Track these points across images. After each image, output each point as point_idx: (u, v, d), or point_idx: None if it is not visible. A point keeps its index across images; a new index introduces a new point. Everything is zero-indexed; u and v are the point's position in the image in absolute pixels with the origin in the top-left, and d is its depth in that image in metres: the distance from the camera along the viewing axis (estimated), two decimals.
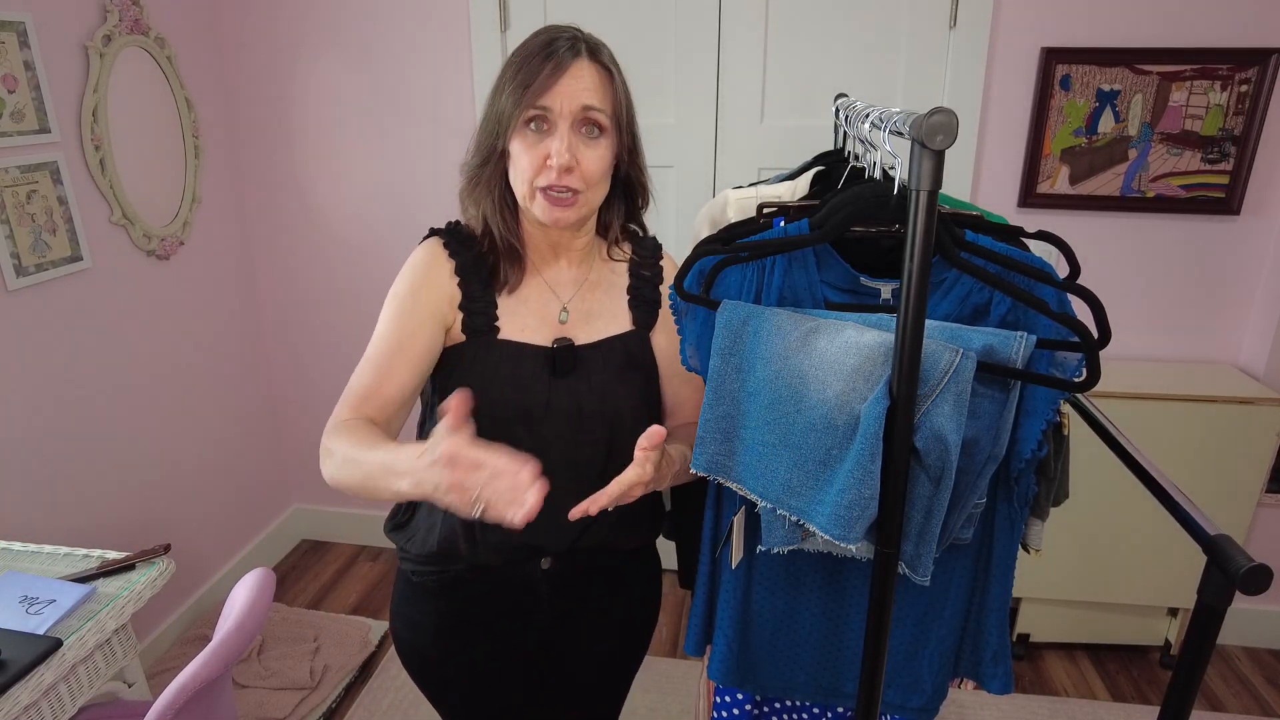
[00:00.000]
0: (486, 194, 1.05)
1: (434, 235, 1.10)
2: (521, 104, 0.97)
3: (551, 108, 0.97)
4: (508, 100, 0.98)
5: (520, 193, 1.02)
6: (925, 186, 0.71)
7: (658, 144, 2.27)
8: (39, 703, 1.27)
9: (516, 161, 1.00)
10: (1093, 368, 0.85)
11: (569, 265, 1.11)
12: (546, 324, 1.08)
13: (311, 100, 2.42)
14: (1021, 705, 2.15)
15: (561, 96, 0.97)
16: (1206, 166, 2.07)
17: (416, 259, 1.07)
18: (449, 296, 1.06)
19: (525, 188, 1.00)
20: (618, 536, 1.15)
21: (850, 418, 0.85)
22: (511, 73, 0.99)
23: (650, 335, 1.14)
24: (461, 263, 1.06)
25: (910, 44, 2.11)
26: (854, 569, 1.06)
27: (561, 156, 0.97)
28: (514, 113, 0.97)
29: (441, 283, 1.06)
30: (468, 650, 1.16)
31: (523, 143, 0.99)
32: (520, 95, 0.97)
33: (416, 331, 1.04)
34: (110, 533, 2.12)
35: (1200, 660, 0.76)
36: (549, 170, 0.98)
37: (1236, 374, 2.16)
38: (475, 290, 1.06)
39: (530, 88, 0.96)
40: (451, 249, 1.07)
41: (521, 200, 1.02)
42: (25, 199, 1.83)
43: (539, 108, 0.97)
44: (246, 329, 2.64)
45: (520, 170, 1.00)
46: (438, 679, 1.19)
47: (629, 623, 1.26)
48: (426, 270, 1.06)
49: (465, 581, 1.13)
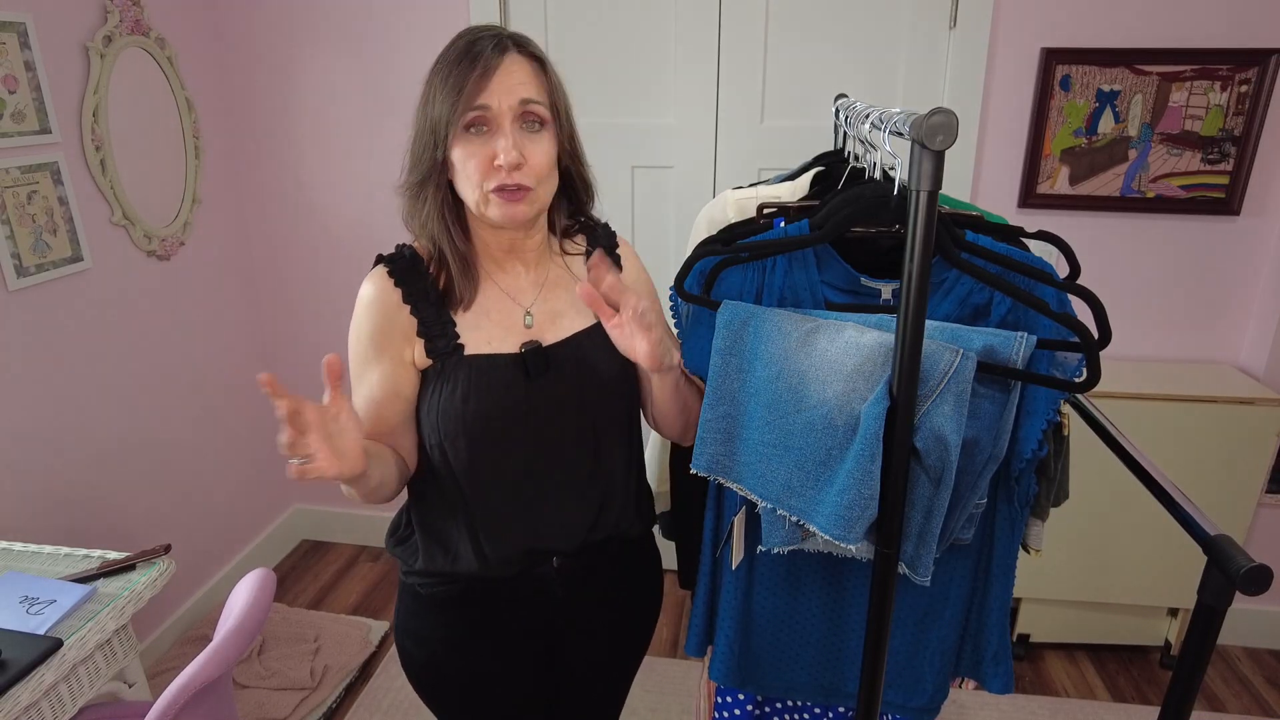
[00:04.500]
0: (433, 210, 1.01)
1: (379, 263, 1.06)
2: (458, 108, 0.94)
3: (490, 105, 0.94)
4: (442, 108, 0.95)
5: (471, 199, 0.99)
6: (925, 187, 0.71)
7: (658, 144, 2.28)
8: (39, 703, 1.27)
9: (462, 169, 0.97)
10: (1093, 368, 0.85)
11: (525, 269, 1.09)
12: (512, 332, 1.06)
13: (311, 100, 2.42)
14: (1021, 705, 2.15)
15: (498, 94, 0.94)
16: (1206, 167, 2.07)
17: (364, 298, 1.04)
18: (404, 330, 1.03)
19: (476, 193, 0.97)
20: (625, 524, 1.14)
21: (850, 418, 0.85)
22: (440, 80, 0.96)
23: None
24: (408, 290, 1.03)
25: (910, 44, 2.11)
26: (854, 569, 1.07)
27: (509, 154, 0.94)
28: (451, 118, 0.94)
29: (394, 318, 1.03)
30: (481, 660, 1.15)
31: (465, 149, 0.96)
32: (455, 99, 0.94)
33: (382, 377, 1.03)
34: (110, 533, 2.12)
35: (1200, 660, 0.76)
36: (497, 171, 0.95)
37: (1236, 374, 2.16)
38: (429, 315, 1.03)
39: (464, 90, 0.93)
40: (397, 277, 1.04)
41: (474, 207, 0.99)
42: (26, 199, 1.83)
43: (477, 108, 0.94)
44: (246, 329, 2.64)
45: (468, 176, 0.97)
46: (450, 693, 1.18)
47: (636, 614, 1.26)
48: (377, 311, 1.03)
49: (476, 591, 1.12)
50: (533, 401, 1.04)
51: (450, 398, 1.02)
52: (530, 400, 1.04)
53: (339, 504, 2.89)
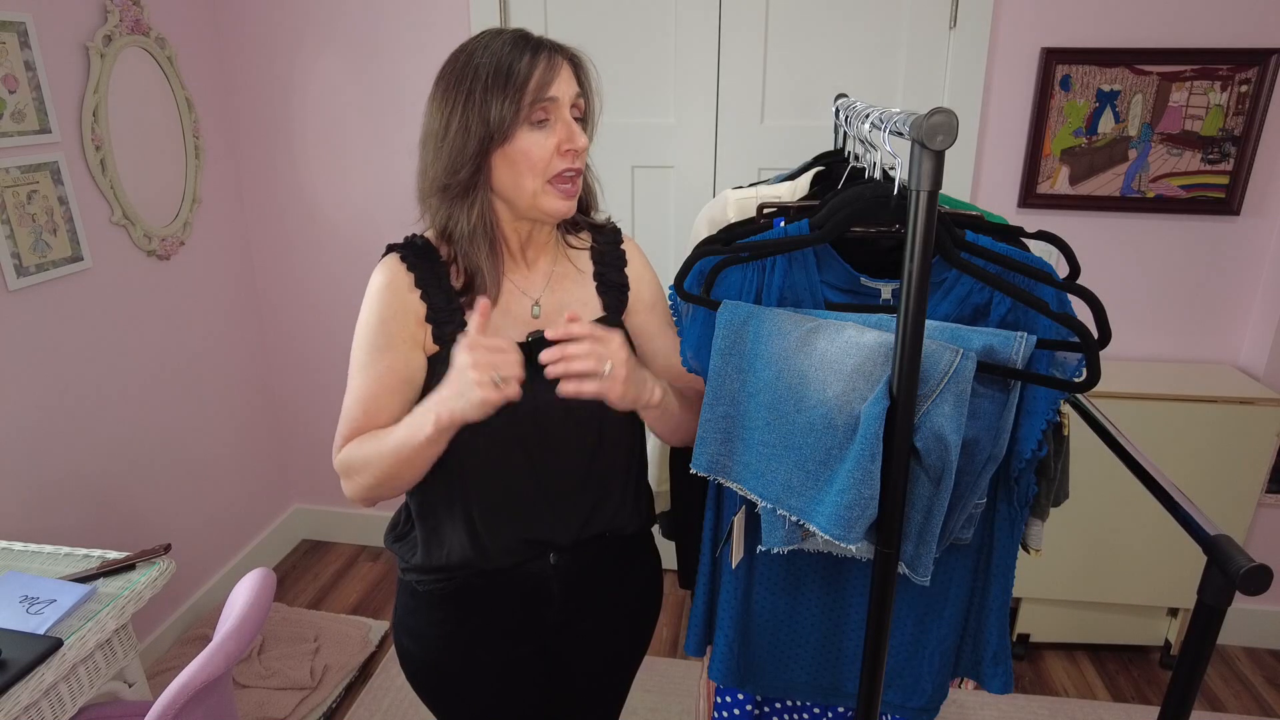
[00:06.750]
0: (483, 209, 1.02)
1: (391, 251, 1.08)
2: (526, 99, 0.96)
3: (558, 97, 0.98)
4: (507, 106, 0.96)
5: (529, 189, 1.00)
6: (925, 187, 0.71)
7: (658, 144, 2.28)
8: (39, 703, 1.27)
9: (522, 160, 0.99)
10: (1093, 368, 0.85)
11: (535, 261, 1.11)
12: (520, 321, 1.08)
13: (311, 100, 2.42)
14: (1021, 705, 2.15)
15: (562, 85, 0.99)
16: (1206, 167, 2.07)
17: (376, 284, 1.06)
18: (415, 315, 1.04)
19: (536, 182, 1.00)
20: (620, 520, 1.15)
21: (850, 418, 0.85)
22: (490, 78, 0.97)
23: (623, 318, 1.15)
24: (420, 275, 1.05)
25: (910, 44, 2.11)
26: (854, 569, 1.07)
27: (580, 137, 1.00)
28: (520, 109, 0.96)
29: (405, 304, 1.04)
30: (478, 657, 1.15)
31: (528, 140, 0.98)
32: (522, 93, 0.96)
33: (393, 364, 1.04)
34: (110, 533, 2.12)
35: (1200, 660, 0.76)
36: (565, 156, 0.99)
37: (1236, 374, 2.16)
38: (439, 301, 1.05)
39: (531, 84, 0.96)
40: (410, 262, 1.06)
41: (530, 197, 1.01)
42: (26, 199, 1.83)
43: (549, 99, 0.98)
44: (246, 329, 2.64)
45: (531, 166, 0.99)
46: (448, 690, 1.18)
47: (635, 614, 1.26)
48: (389, 296, 1.04)
49: (474, 587, 1.12)
50: (536, 392, 1.04)
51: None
52: (534, 391, 1.04)
53: (339, 504, 2.89)
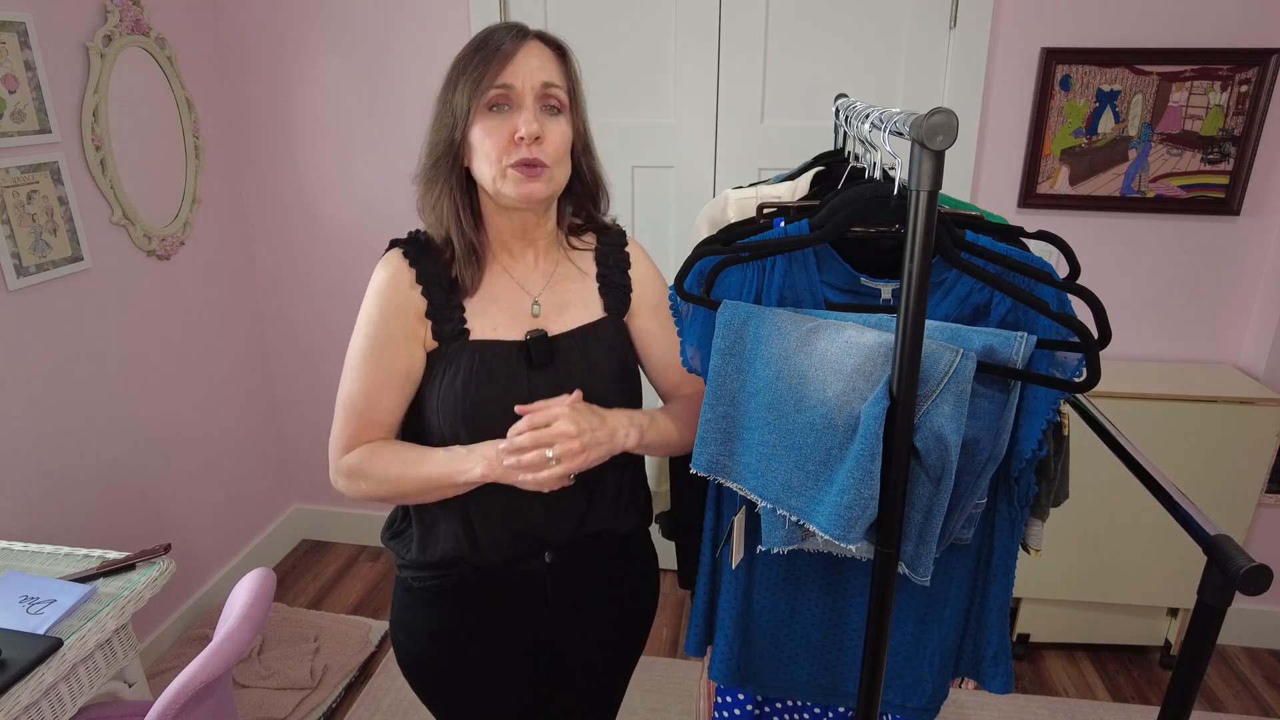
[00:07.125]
0: (445, 194, 1.04)
1: (394, 246, 1.09)
2: (481, 85, 0.97)
3: (513, 84, 0.98)
4: (464, 93, 0.98)
5: (489, 176, 1.00)
6: (925, 187, 0.71)
7: (658, 144, 2.28)
8: (39, 702, 1.27)
9: (480, 147, 0.99)
10: (1093, 368, 0.85)
11: (536, 259, 1.11)
12: (519, 320, 1.08)
13: (311, 100, 2.42)
14: (1021, 705, 2.15)
15: (520, 74, 0.98)
16: (1206, 167, 2.07)
17: (378, 280, 1.06)
18: (416, 311, 1.05)
19: (494, 169, 0.99)
20: (615, 520, 1.15)
21: (850, 418, 0.85)
22: (461, 68, 0.99)
23: (625, 320, 1.15)
24: (422, 270, 1.06)
25: (910, 44, 2.11)
26: (854, 569, 1.07)
27: (530, 125, 0.97)
28: (474, 97, 0.97)
29: (406, 300, 1.05)
30: (473, 654, 1.15)
31: (484, 127, 0.99)
32: (478, 79, 0.97)
33: (393, 359, 1.05)
34: (110, 533, 2.12)
35: (1200, 660, 0.76)
36: (517, 145, 0.98)
37: (1236, 374, 2.16)
38: (439, 297, 1.05)
39: (487, 70, 0.97)
40: (411, 257, 1.06)
41: (491, 184, 1.01)
42: (26, 199, 1.83)
43: (501, 86, 0.97)
44: (246, 329, 2.64)
45: (487, 153, 0.99)
46: (442, 686, 1.18)
47: (631, 613, 1.26)
48: (390, 292, 1.05)
49: (469, 585, 1.12)
50: (534, 390, 1.05)
51: (451, 385, 1.04)
52: (532, 389, 1.05)
53: (339, 504, 2.89)
